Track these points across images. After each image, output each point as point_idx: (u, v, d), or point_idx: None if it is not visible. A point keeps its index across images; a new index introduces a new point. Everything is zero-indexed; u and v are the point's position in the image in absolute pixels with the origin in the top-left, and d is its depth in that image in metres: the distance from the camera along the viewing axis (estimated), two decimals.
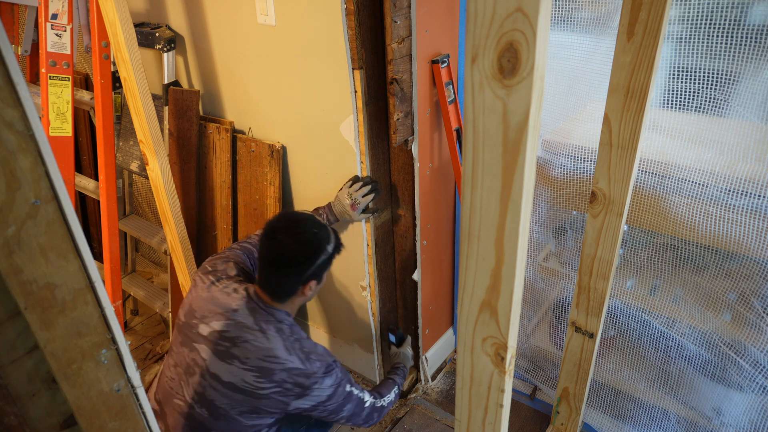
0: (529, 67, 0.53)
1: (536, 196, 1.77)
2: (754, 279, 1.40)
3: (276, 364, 1.37)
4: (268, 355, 1.37)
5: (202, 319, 1.43)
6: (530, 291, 1.94)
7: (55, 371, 0.54)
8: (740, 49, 1.25)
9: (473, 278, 0.69)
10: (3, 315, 0.50)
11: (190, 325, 1.44)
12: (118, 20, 1.62)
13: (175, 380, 1.45)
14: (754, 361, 1.44)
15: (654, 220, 1.51)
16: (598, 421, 1.90)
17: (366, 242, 1.86)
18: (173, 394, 1.44)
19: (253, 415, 1.40)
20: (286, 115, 1.83)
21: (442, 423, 2.02)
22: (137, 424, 0.63)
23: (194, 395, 1.41)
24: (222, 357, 1.38)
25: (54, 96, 1.82)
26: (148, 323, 2.60)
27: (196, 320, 1.43)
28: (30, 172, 0.48)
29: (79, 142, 2.64)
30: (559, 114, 1.68)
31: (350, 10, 1.47)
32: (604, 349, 1.81)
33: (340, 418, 1.49)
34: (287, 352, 1.38)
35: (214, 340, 1.40)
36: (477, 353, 0.75)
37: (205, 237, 2.19)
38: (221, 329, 1.40)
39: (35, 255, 0.50)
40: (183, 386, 1.43)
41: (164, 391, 1.47)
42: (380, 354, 2.11)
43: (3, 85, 0.44)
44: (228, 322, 1.40)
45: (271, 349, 1.37)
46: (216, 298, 1.45)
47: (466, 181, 0.64)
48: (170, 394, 1.45)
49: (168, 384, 1.47)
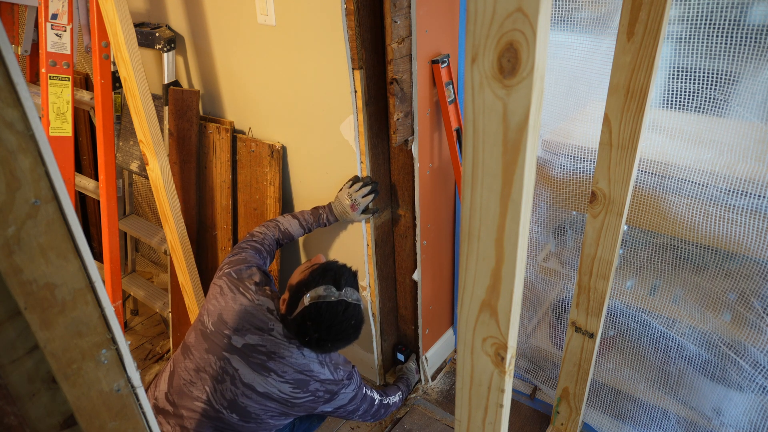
0: (529, 67, 0.53)
1: (536, 196, 1.77)
2: (754, 279, 1.40)
3: (311, 377, 1.49)
4: (305, 370, 1.48)
5: (236, 332, 1.47)
6: (530, 291, 1.94)
7: (55, 371, 0.54)
8: (740, 49, 1.25)
9: (473, 278, 0.69)
10: (3, 315, 0.50)
11: (221, 334, 1.48)
12: (118, 20, 1.62)
13: (197, 384, 1.48)
14: (754, 362, 1.44)
15: (654, 220, 1.51)
16: (598, 421, 1.90)
17: (366, 242, 1.86)
18: (193, 397, 1.47)
19: (282, 417, 1.53)
20: (286, 115, 1.83)
21: (442, 423, 2.02)
22: (137, 424, 0.63)
23: (223, 401, 1.46)
24: (257, 369, 1.46)
25: (54, 96, 1.82)
26: (148, 323, 2.60)
27: (228, 331, 1.47)
28: (30, 172, 0.48)
29: (79, 142, 2.64)
30: (559, 114, 1.68)
31: (350, 10, 1.47)
32: (604, 349, 1.81)
33: (354, 416, 1.67)
34: (320, 366, 1.51)
35: (249, 353, 1.46)
36: (477, 353, 0.75)
37: (205, 237, 2.19)
38: (257, 344, 1.47)
39: (35, 255, 0.49)
40: (208, 391, 1.47)
41: (179, 393, 1.50)
42: (380, 354, 2.11)
43: (3, 85, 0.44)
44: (264, 337, 1.47)
45: (306, 364, 1.49)
46: (250, 313, 1.49)
47: (466, 181, 0.64)
48: (188, 396, 1.48)
49: (185, 387, 1.49)
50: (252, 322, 1.48)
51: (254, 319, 1.48)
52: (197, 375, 1.48)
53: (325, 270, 1.47)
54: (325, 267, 1.48)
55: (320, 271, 1.46)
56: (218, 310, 1.51)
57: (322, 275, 1.45)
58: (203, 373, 1.47)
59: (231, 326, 1.48)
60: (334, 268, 1.48)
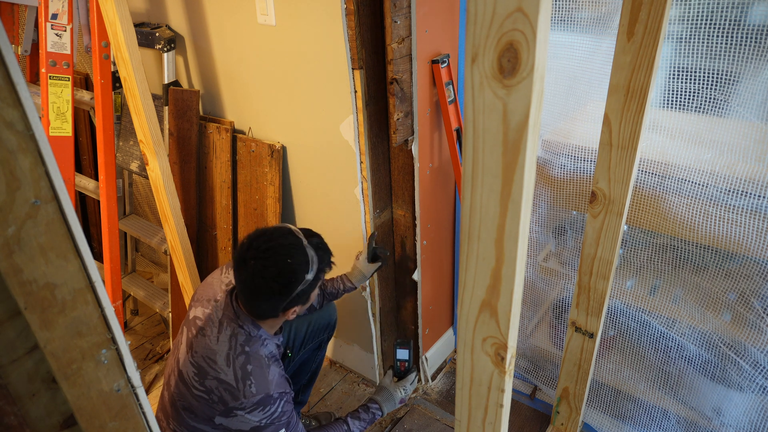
0: (529, 67, 0.53)
1: (536, 196, 1.77)
2: (754, 279, 1.40)
3: (211, 369, 1.27)
4: (210, 357, 1.28)
5: (194, 303, 1.41)
6: (530, 291, 1.94)
7: (55, 371, 0.54)
8: (740, 49, 1.25)
9: (473, 278, 0.69)
10: (3, 315, 0.50)
11: (188, 307, 1.44)
12: (118, 20, 1.62)
13: (170, 363, 1.42)
14: (754, 362, 1.44)
15: (654, 220, 1.51)
16: (598, 421, 1.90)
17: (366, 242, 1.86)
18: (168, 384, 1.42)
19: (191, 414, 1.31)
20: (286, 115, 1.83)
21: (442, 423, 2.02)
22: (137, 424, 0.63)
23: (167, 379, 1.39)
24: (187, 344, 1.33)
25: (54, 96, 1.82)
26: (148, 323, 2.60)
27: (192, 303, 1.42)
28: (30, 172, 0.48)
29: (79, 142, 2.64)
30: (559, 114, 1.68)
31: (350, 10, 1.47)
32: (604, 349, 1.81)
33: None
34: (226, 363, 1.27)
35: (190, 326, 1.36)
36: (477, 353, 0.75)
37: (205, 237, 2.19)
38: (199, 316, 1.36)
39: (35, 255, 0.49)
40: (173, 372, 1.38)
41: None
42: (380, 354, 2.11)
43: (3, 85, 0.44)
44: (206, 311, 1.35)
45: (214, 352, 1.28)
46: (212, 284, 1.42)
47: (466, 181, 0.64)
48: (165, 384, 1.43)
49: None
50: (208, 291, 1.39)
51: (211, 289, 1.39)
52: (172, 354, 1.42)
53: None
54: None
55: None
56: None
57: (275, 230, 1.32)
58: (175, 349, 1.41)
59: (195, 298, 1.42)
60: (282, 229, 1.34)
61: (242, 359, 1.27)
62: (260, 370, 1.28)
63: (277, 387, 1.29)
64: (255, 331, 1.33)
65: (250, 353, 1.29)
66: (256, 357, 1.29)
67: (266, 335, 1.35)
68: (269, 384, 1.27)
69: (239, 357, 1.27)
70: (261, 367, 1.28)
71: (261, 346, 1.32)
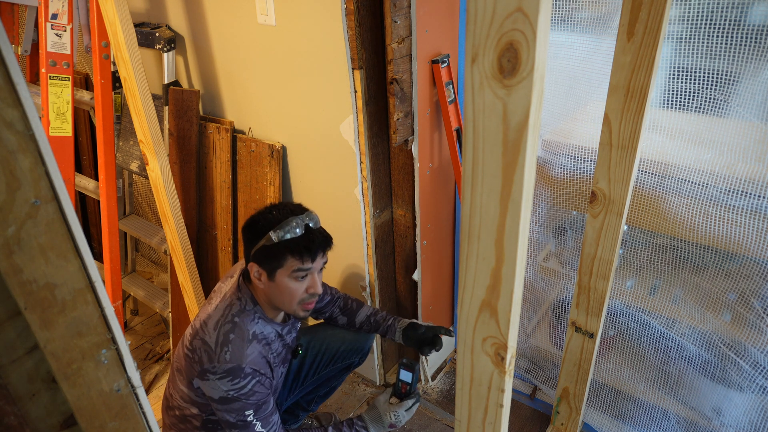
0: (529, 67, 0.53)
1: (536, 196, 1.77)
2: (754, 279, 1.40)
3: (201, 331, 1.34)
4: (204, 321, 1.36)
5: (222, 279, 1.53)
6: (530, 291, 1.94)
7: (55, 371, 0.54)
8: (740, 49, 1.25)
9: (473, 278, 0.69)
10: (3, 315, 0.50)
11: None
12: (118, 20, 1.62)
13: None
14: (754, 362, 1.44)
15: (654, 220, 1.51)
16: (598, 421, 1.90)
17: (366, 242, 1.86)
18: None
19: (180, 376, 1.39)
20: (286, 115, 1.83)
21: (442, 423, 2.02)
22: (137, 424, 0.63)
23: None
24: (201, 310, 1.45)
25: (54, 96, 1.82)
26: (148, 323, 2.60)
27: (221, 278, 1.56)
28: (30, 172, 0.48)
29: (79, 142, 2.64)
30: (559, 114, 1.68)
31: (350, 10, 1.47)
32: (604, 349, 1.81)
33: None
34: (214, 327, 1.34)
35: (210, 296, 1.49)
36: (477, 353, 0.75)
37: (205, 237, 2.19)
38: (216, 289, 1.48)
39: (35, 255, 0.49)
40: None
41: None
42: (380, 354, 2.11)
43: (3, 85, 0.44)
44: (222, 285, 1.47)
45: (209, 317, 1.36)
46: (240, 263, 1.54)
47: (466, 181, 0.64)
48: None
49: None
50: (232, 270, 1.52)
51: (236, 267, 1.52)
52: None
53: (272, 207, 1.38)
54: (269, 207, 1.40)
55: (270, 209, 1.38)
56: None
57: (277, 209, 1.36)
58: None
59: (224, 275, 1.55)
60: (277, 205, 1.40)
61: (228, 327, 1.34)
62: (240, 342, 1.32)
63: (251, 363, 1.31)
64: (251, 305, 1.39)
65: (237, 323, 1.35)
66: (241, 329, 1.34)
67: (262, 314, 1.40)
68: (244, 357, 1.31)
69: (226, 324, 1.34)
70: (242, 340, 1.33)
71: (251, 321, 1.37)
